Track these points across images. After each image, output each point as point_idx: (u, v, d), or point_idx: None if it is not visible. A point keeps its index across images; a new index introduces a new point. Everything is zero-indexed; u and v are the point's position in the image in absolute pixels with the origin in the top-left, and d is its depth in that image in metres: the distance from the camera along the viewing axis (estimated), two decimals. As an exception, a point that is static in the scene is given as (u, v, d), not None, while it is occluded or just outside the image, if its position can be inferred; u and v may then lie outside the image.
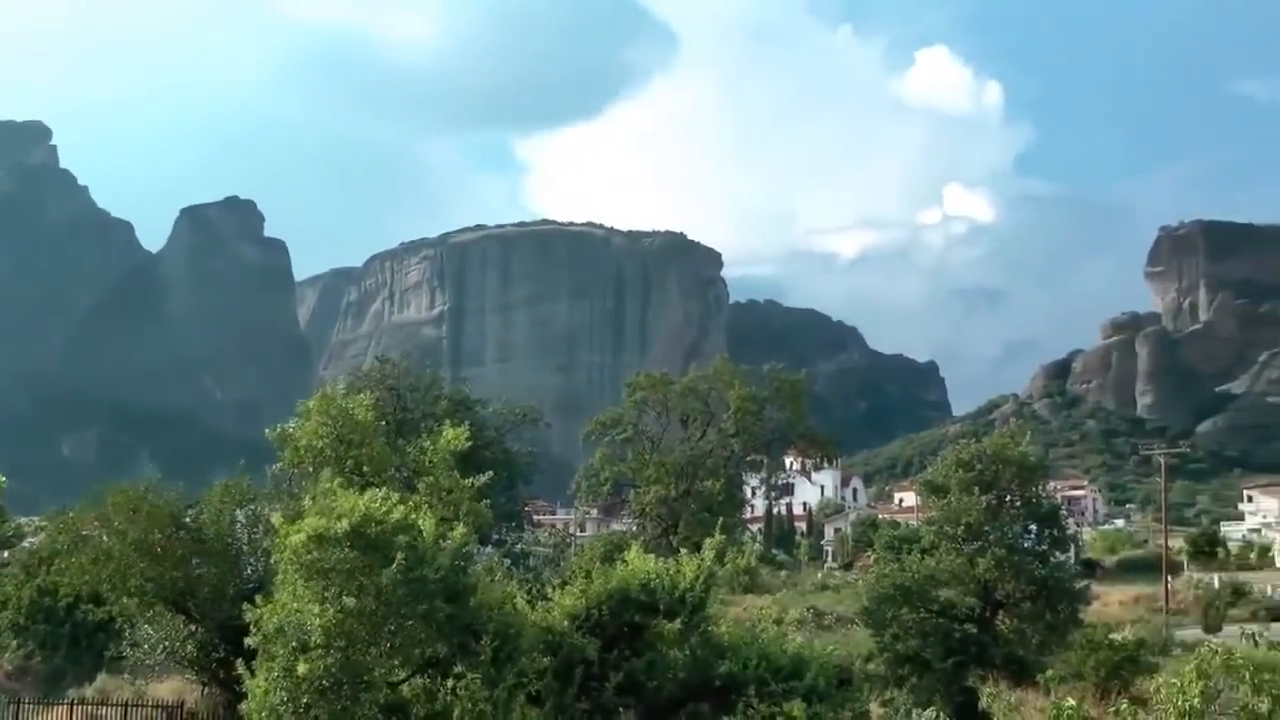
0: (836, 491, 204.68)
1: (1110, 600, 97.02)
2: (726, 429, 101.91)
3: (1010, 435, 55.54)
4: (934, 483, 53.36)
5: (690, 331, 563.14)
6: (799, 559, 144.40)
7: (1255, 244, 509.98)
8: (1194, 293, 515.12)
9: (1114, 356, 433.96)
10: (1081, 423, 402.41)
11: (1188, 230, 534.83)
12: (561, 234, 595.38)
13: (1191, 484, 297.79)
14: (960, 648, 48.49)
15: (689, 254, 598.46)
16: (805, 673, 26.28)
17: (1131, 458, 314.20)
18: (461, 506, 27.70)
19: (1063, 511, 59.66)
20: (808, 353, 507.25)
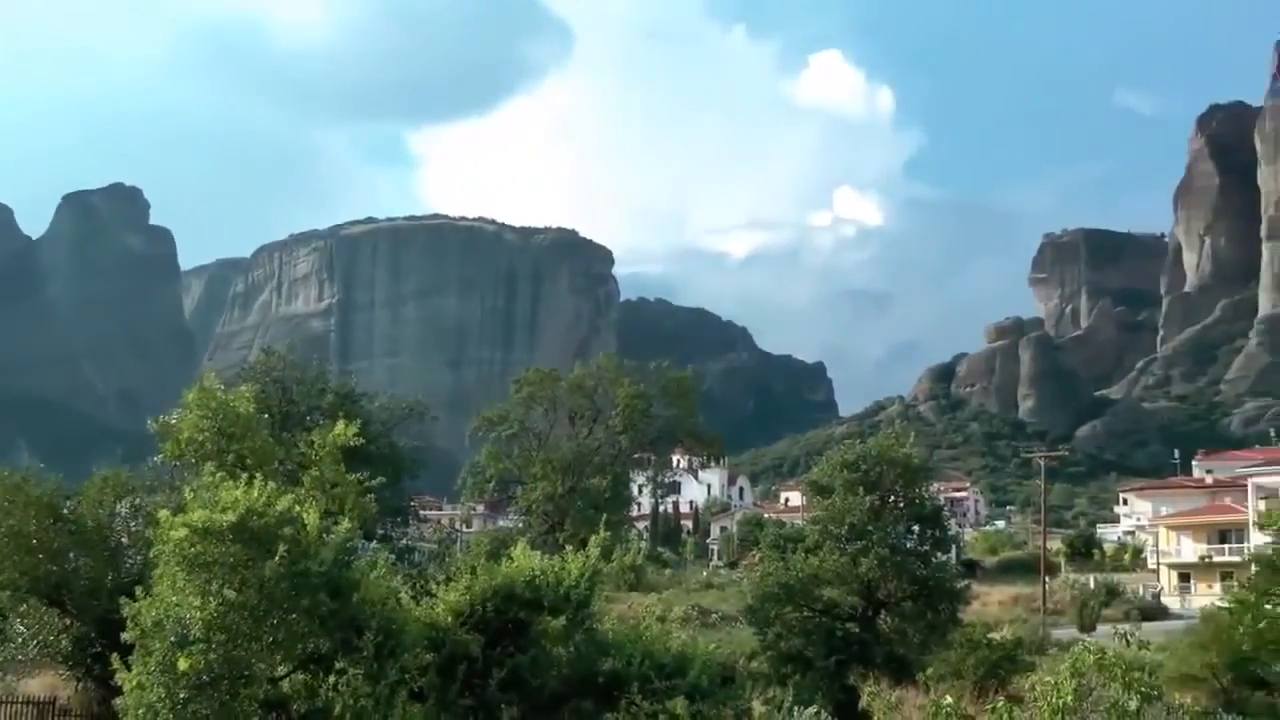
0: (723, 490, 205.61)
1: (990, 600, 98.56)
2: (614, 426, 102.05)
3: (895, 437, 56.11)
4: (819, 483, 53.82)
5: (580, 329, 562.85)
6: (685, 557, 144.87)
7: (1134, 253, 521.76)
8: (1075, 299, 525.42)
9: (997, 360, 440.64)
10: (965, 425, 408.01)
11: (1070, 238, 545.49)
12: (453, 229, 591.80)
13: (1070, 487, 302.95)
14: (842, 646, 48.98)
15: (580, 251, 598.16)
16: (688, 670, 26.43)
17: (1013, 460, 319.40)
18: (347, 501, 27.50)
19: (945, 512, 60.47)
20: (697, 352, 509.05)
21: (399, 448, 76.01)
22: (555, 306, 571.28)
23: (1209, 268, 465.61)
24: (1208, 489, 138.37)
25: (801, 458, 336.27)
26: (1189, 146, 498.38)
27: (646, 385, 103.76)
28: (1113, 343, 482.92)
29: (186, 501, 23.09)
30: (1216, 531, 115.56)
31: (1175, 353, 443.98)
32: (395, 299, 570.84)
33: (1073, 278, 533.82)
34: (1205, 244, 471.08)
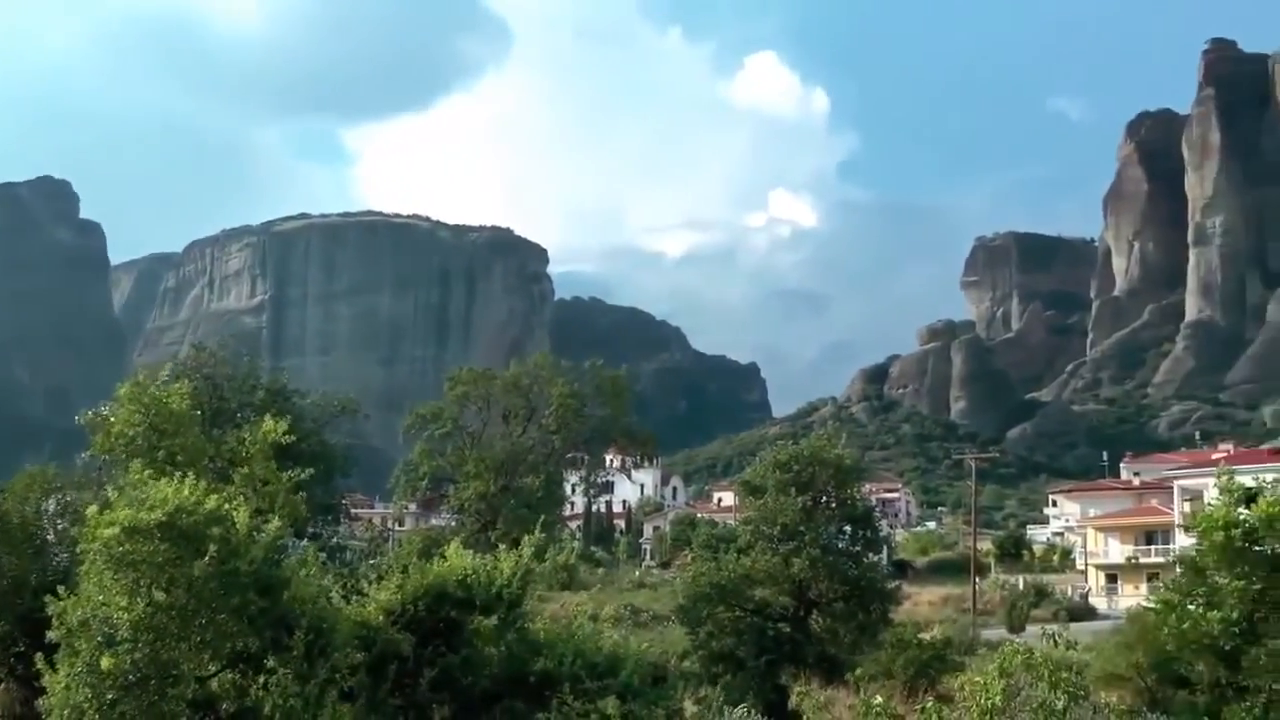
0: (656, 490, 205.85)
1: (920, 600, 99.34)
2: (547, 426, 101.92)
3: (827, 438, 56.42)
4: (752, 483, 54.05)
5: (514, 327, 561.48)
6: (618, 557, 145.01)
7: (1065, 257, 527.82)
8: (1007, 302, 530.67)
9: (929, 362, 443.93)
10: (897, 426, 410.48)
11: (1002, 241, 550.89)
12: (387, 225, 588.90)
13: (1000, 488, 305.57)
14: (774, 646, 49.19)
15: (515, 250, 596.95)
16: (620, 670, 26.42)
17: (944, 461, 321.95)
18: (277, 499, 27.28)
19: (876, 513, 60.89)
20: (631, 351, 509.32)
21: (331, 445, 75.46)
22: (489, 305, 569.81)
23: (1137, 272, 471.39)
24: (1135, 491, 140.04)
25: (735, 458, 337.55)
26: (1118, 152, 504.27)
27: (580, 385, 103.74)
28: (1043, 345, 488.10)
29: (114, 499, 22.83)
30: (1143, 533, 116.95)
31: (1104, 356, 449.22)
32: (328, 296, 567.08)
33: (1004, 281, 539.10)
34: (1134, 249, 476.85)
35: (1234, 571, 33.20)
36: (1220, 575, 33.55)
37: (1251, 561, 33.34)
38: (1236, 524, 33.46)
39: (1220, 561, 33.67)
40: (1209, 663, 32.44)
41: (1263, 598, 32.79)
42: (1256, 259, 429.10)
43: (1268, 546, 33.57)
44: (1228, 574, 33.30)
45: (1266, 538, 33.50)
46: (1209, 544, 33.98)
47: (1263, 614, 32.83)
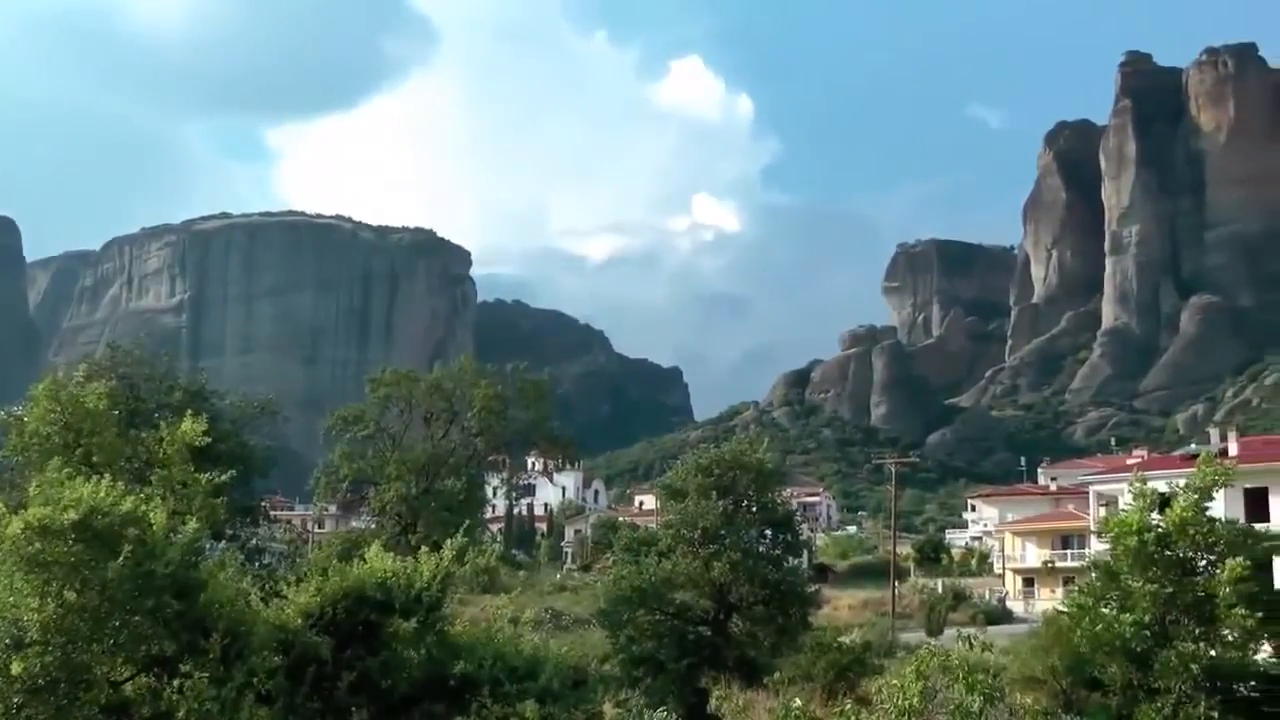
0: (578, 493, 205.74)
1: (840, 604, 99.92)
2: (469, 428, 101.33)
3: (749, 442, 56.67)
4: (673, 486, 54.15)
5: (437, 329, 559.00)
6: (539, 560, 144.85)
7: (984, 264, 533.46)
8: (928, 308, 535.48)
9: (851, 367, 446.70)
10: (818, 431, 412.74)
11: (923, 248, 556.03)
12: (309, 226, 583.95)
13: (920, 493, 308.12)
14: (694, 649, 49.29)
15: (438, 251, 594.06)
16: (540, 673, 26.40)
17: (865, 466, 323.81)
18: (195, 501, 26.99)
19: (797, 517, 61.19)
20: (554, 354, 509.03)
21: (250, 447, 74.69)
22: (412, 306, 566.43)
23: (1056, 280, 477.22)
24: (1051, 496, 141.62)
25: (656, 462, 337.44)
26: (1038, 161, 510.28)
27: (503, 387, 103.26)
28: (963, 351, 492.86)
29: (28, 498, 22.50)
30: (1059, 537, 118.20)
31: (1023, 362, 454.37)
32: (249, 296, 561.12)
33: (925, 287, 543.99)
34: (1052, 257, 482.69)
35: (1146, 575, 33.77)
36: (1133, 579, 34.11)
37: (1163, 565, 33.93)
38: (1148, 529, 34.03)
39: (1133, 566, 34.23)
40: (1121, 665, 32.94)
41: (1173, 601, 33.37)
42: (1171, 268, 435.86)
43: (1178, 551, 34.17)
44: (1140, 578, 33.86)
45: (1178, 542, 34.10)
46: (1122, 549, 34.54)
47: (1173, 617, 33.41)
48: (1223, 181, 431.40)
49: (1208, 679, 32.13)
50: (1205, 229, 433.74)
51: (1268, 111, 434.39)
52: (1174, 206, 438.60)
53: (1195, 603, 33.50)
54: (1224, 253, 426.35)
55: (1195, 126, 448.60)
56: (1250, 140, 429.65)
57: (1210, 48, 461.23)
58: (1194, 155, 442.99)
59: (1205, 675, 32.04)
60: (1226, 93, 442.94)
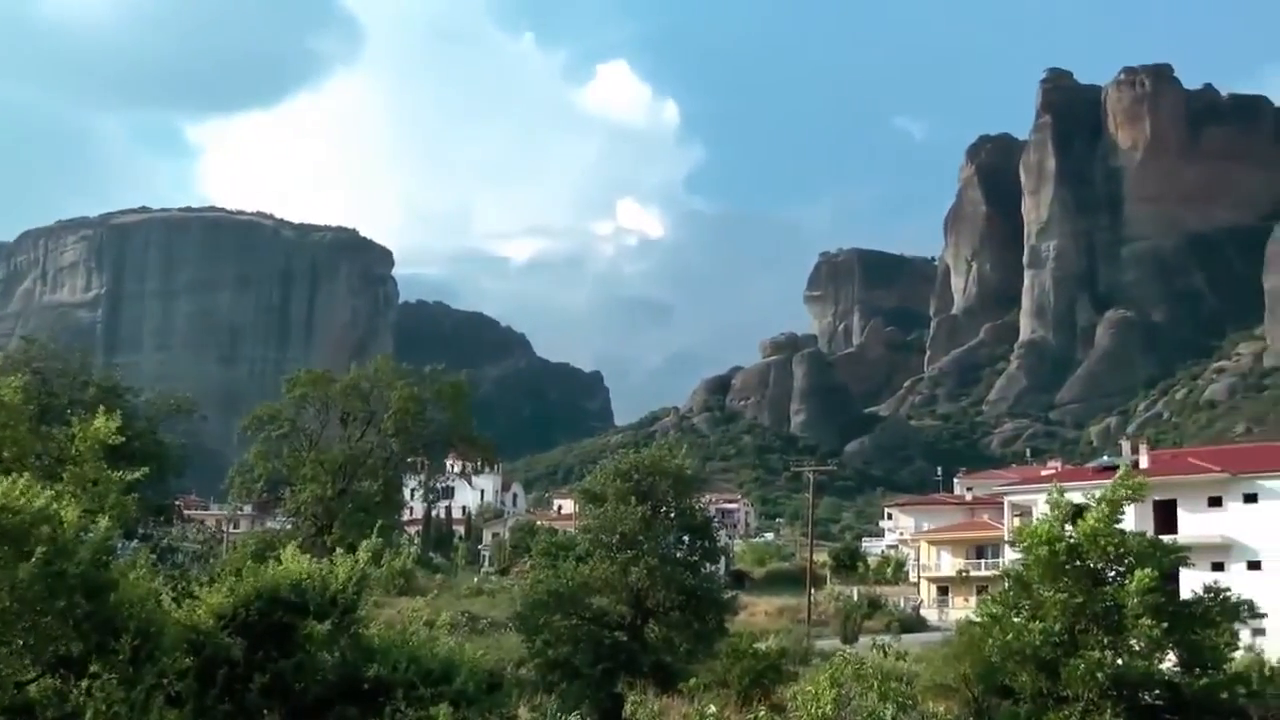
0: (496, 496, 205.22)
1: (757, 610, 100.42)
2: (387, 429, 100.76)
3: (668, 447, 56.84)
4: (592, 491, 54.15)
5: (358, 329, 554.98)
6: (456, 563, 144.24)
7: (905, 274, 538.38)
8: (849, 317, 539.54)
9: (771, 375, 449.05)
10: (738, 438, 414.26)
11: (845, 257, 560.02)
12: (230, 222, 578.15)
13: (838, 500, 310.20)
14: (610, 654, 49.29)
15: (360, 251, 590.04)
16: (455, 677, 26.30)
17: (783, 473, 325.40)
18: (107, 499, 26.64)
19: (715, 523, 61.42)
20: (475, 356, 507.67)
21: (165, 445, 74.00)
22: (332, 306, 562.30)
23: (975, 292, 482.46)
24: (967, 506, 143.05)
25: (576, 466, 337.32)
26: (960, 174, 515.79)
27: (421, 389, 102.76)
28: (883, 361, 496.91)
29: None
30: (974, 547, 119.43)
31: (941, 373, 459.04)
32: (167, 292, 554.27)
33: (847, 296, 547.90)
34: (972, 269, 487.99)
35: (1057, 585, 34.26)
36: (1044, 589, 34.58)
37: (1073, 576, 34.44)
38: (1060, 539, 34.52)
39: (1044, 576, 34.71)
40: (1031, 673, 33.36)
41: (1083, 611, 33.88)
42: (1087, 283, 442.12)
43: (1089, 562, 34.70)
44: (1051, 588, 34.34)
45: (1089, 553, 34.62)
46: (1034, 559, 35.01)
47: (1083, 626, 33.91)
48: (1138, 198, 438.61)
49: (1114, 687, 32.62)
50: (1121, 245, 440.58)
51: (1182, 131, 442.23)
52: (1091, 222, 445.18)
53: (1104, 612, 34.01)
54: (1139, 268, 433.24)
55: (1113, 144, 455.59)
56: (1165, 159, 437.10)
57: (1128, 67, 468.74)
58: (1111, 172, 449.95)
59: (1112, 683, 32.53)
60: (1143, 112, 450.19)
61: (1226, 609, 36.38)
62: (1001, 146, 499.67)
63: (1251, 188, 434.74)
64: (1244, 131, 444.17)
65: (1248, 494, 78.81)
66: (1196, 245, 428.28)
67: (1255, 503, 78.36)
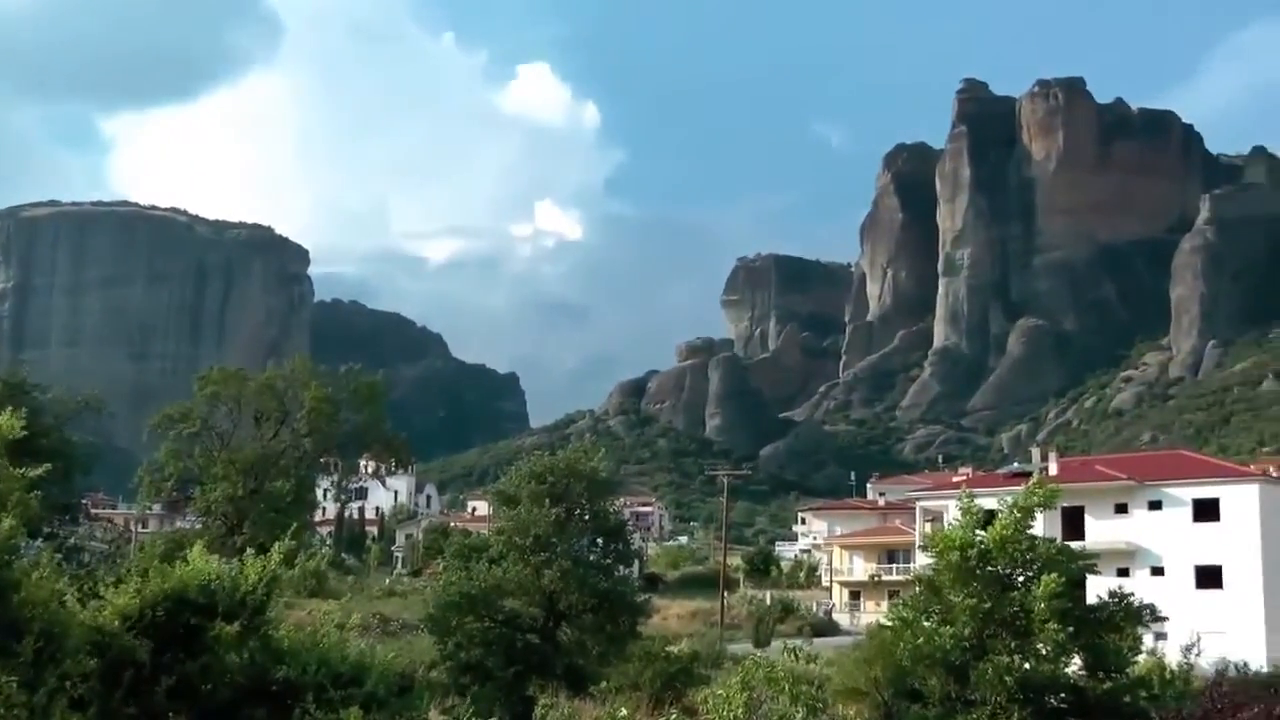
0: (410, 497, 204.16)
1: (670, 614, 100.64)
2: (300, 429, 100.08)
3: (583, 450, 56.82)
4: (506, 493, 54.04)
5: (272, 328, 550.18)
6: (369, 564, 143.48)
7: (821, 280, 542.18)
8: (765, 322, 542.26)
9: (687, 379, 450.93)
10: (653, 441, 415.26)
11: (762, 262, 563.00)
12: (142, 217, 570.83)
13: (752, 505, 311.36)
14: (522, 657, 49.18)
15: (275, 249, 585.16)
16: (365, 680, 26.09)
17: (698, 477, 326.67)
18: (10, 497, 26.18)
19: (629, 527, 61.45)
20: (391, 356, 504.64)
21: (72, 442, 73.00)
22: (247, 304, 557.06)
23: (890, 299, 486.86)
24: (879, 511, 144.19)
25: (491, 468, 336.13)
26: (876, 182, 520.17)
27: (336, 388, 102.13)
28: (798, 366, 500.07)
29: None
30: (886, 551, 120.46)
31: (856, 379, 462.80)
32: (77, 287, 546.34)
33: (763, 301, 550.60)
34: (887, 276, 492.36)
35: (967, 590, 34.59)
36: (954, 594, 34.90)
37: (983, 581, 34.79)
38: (971, 545, 34.88)
39: (955, 581, 35.03)
40: (940, 677, 33.65)
41: (991, 615, 34.24)
42: (1000, 291, 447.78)
43: (998, 567, 35.09)
44: (961, 592, 34.67)
45: (998, 559, 35.01)
46: (945, 563, 35.34)
47: (991, 631, 34.27)
48: (1051, 209, 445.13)
49: (1021, 691, 32.97)
50: (1033, 254, 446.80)
51: (1094, 144, 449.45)
52: (1005, 232, 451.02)
53: (1012, 617, 34.39)
54: (1050, 278, 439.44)
55: (1027, 154, 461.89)
56: (1077, 171, 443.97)
57: (1042, 80, 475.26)
58: (1025, 182, 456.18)
59: (1019, 687, 32.88)
60: (1056, 124, 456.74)
61: (1130, 613, 36.87)
62: (918, 155, 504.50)
63: (1160, 201, 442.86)
64: (1153, 146, 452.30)
65: (1152, 501, 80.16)
66: (1107, 256, 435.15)
67: (1159, 510, 79.73)
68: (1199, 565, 76.77)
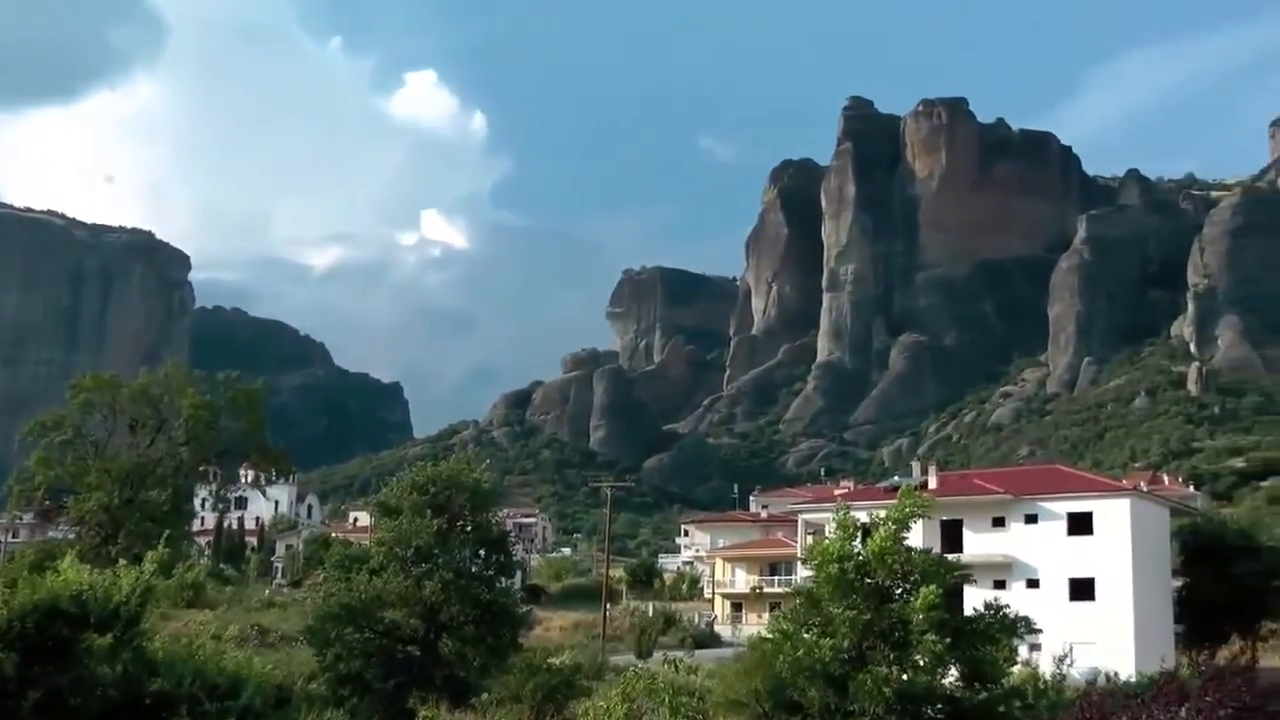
0: (291, 507, 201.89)
1: (553, 625, 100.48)
2: (177, 437, 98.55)
3: (466, 461, 56.61)
4: (388, 504, 53.68)
5: (151, 333, 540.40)
6: (248, 575, 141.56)
7: (706, 294, 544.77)
8: (650, 335, 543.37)
9: (572, 390, 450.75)
10: (537, 452, 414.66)
11: (648, 275, 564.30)
12: (17, 220, 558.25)
13: (636, 517, 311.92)
14: (402, 669, 48.85)
15: (155, 253, 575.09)
16: (241, 692, 25.77)
17: (582, 489, 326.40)
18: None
19: (512, 538, 61.29)
20: (272, 364, 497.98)
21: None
22: (125, 309, 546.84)
23: (774, 313, 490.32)
24: (762, 523, 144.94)
25: (373, 478, 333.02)
26: (762, 197, 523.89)
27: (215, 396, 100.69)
28: (683, 379, 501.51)
29: None
30: (768, 564, 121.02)
31: (739, 392, 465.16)
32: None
33: (649, 313, 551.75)
34: (772, 290, 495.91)
35: (846, 602, 34.99)
36: (834, 606, 35.27)
37: (862, 593, 35.22)
38: (850, 557, 35.27)
39: (834, 593, 35.42)
40: (820, 688, 33.97)
41: (870, 627, 34.66)
42: (883, 307, 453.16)
43: (877, 579, 35.53)
44: (840, 604, 35.05)
45: (877, 571, 35.45)
46: (825, 576, 35.71)
47: (870, 642, 34.69)
48: (933, 227, 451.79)
49: (899, 701, 33.40)
50: (916, 271, 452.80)
51: (975, 163, 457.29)
52: (888, 248, 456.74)
53: (890, 628, 34.84)
54: (932, 294, 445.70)
55: (910, 172, 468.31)
56: (959, 189, 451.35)
57: (926, 99, 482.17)
58: (908, 200, 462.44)
59: (897, 698, 33.31)
60: (939, 143, 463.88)
61: (1006, 625, 37.53)
62: (804, 171, 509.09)
63: (1038, 220, 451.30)
64: (1033, 166, 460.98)
65: (1029, 515, 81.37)
66: (987, 273, 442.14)
67: (1035, 524, 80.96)
68: (1073, 578, 78.08)
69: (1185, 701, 30.54)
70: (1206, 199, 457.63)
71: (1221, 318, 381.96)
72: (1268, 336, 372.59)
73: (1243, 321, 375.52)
